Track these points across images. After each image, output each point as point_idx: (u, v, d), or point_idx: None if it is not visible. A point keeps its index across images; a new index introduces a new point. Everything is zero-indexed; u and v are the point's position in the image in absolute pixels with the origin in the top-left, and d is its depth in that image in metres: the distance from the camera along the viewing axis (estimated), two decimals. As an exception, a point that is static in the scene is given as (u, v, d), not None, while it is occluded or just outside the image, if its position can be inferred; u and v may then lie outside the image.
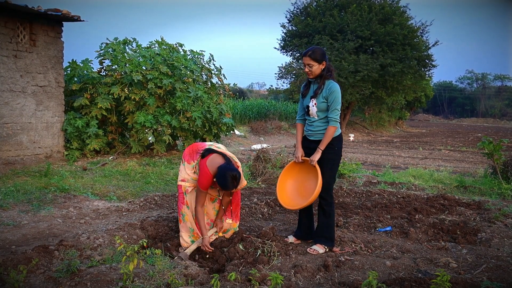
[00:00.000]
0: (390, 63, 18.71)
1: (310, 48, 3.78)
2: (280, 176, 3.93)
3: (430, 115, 51.85)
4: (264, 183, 6.99)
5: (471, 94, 57.79)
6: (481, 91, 56.59)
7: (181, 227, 3.83)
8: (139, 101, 8.63)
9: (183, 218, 3.81)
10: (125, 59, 8.70)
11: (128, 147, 8.98)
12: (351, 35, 18.93)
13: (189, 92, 8.85)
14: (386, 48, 19.00)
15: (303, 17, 20.94)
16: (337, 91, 3.72)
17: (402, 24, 19.13)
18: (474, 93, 57.51)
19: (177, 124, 8.72)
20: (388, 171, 8.41)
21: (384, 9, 19.39)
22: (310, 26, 19.85)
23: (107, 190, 6.02)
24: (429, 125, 37.23)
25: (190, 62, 9.31)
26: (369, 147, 16.08)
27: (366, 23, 18.89)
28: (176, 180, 6.97)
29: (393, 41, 18.82)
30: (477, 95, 56.33)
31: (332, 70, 3.80)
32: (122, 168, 7.71)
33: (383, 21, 19.31)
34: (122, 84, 8.58)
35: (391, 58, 18.74)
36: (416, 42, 19.58)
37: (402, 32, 18.75)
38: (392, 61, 18.73)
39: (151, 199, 5.51)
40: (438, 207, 5.44)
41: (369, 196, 6.29)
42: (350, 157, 11.62)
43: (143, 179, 6.93)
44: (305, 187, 3.88)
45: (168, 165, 8.31)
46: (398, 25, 18.77)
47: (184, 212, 3.81)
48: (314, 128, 3.83)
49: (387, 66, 18.75)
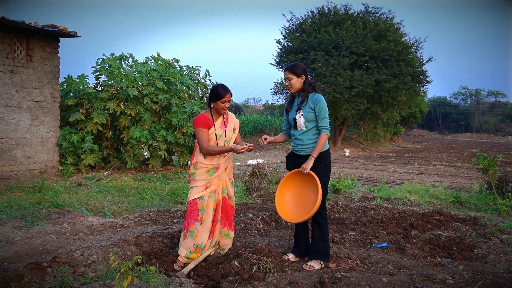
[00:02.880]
0: (385, 79, 18.89)
1: (291, 64, 3.87)
2: (278, 189, 3.91)
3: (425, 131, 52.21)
4: (259, 199, 6.97)
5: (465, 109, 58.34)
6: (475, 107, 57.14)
7: (183, 243, 3.79)
8: (135, 116, 8.64)
9: (190, 235, 3.76)
10: (121, 74, 8.73)
11: (124, 162, 8.96)
12: (346, 51, 19.14)
13: (185, 107, 8.88)
14: (380, 64, 19.21)
15: (298, 33, 21.17)
16: (323, 101, 3.77)
17: (396, 40, 19.38)
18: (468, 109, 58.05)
19: (172, 139, 8.73)
20: (384, 187, 8.41)
21: (378, 26, 19.65)
22: (305, 42, 20.06)
23: (101, 206, 5.98)
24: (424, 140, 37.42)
25: (186, 78, 9.36)
26: (365, 162, 16.11)
27: (361, 40, 19.12)
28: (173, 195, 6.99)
29: (388, 57, 19.05)
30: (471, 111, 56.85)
31: (314, 86, 3.85)
32: (117, 183, 7.67)
33: (378, 38, 19.56)
34: (118, 99, 8.60)
35: (386, 74, 18.94)
36: (410, 58, 19.83)
37: (396, 48, 18.99)
38: (387, 77, 18.92)
39: (146, 215, 5.48)
40: (434, 223, 5.44)
41: (365, 211, 6.28)
42: (345, 173, 11.63)
43: (138, 195, 6.90)
44: (304, 198, 3.85)
45: (164, 180, 8.28)
46: (392, 42, 19.01)
47: (194, 229, 3.76)
48: (303, 142, 3.81)
49: (382, 81, 18.92)
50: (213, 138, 3.79)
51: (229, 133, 3.90)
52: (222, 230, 3.97)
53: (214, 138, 3.80)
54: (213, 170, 3.81)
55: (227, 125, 3.91)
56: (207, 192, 3.80)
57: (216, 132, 3.80)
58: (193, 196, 3.78)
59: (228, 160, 3.92)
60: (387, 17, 20.88)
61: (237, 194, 7.03)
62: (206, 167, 3.78)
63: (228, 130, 3.90)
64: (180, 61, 9.98)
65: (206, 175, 3.79)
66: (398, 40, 19.64)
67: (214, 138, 3.80)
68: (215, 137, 3.80)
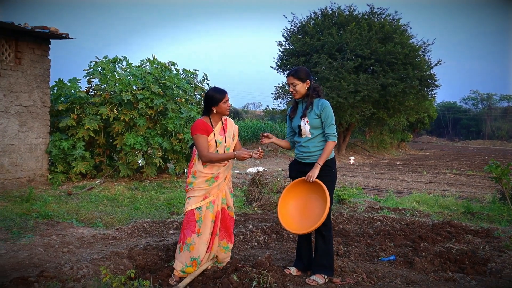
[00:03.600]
0: (391, 83, 18.91)
1: (294, 68, 3.88)
2: (281, 199, 3.88)
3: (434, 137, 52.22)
4: (260, 209, 6.94)
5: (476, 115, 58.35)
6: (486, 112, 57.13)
7: (179, 256, 3.75)
8: (129, 122, 8.64)
9: (187, 248, 3.73)
10: (114, 78, 8.74)
11: (117, 171, 8.93)
12: (351, 54, 19.19)
13: (181, 112, 8.88)
14: (386, 67, 19.24)
15: (300, 35, 21.25)
16: (329, 107, 3.79)
17: (403, 43, 19.43)
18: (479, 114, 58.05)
19: (168, 146, 8.71)
20: (391, 196, 8.39)
21: (384, 28, 19.72)
22: (307, 44, 20.12)
23: (93, 217, 5.95)
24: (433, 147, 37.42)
25: (182, 82, 9.37)
26: (371, 170, 16.08)
27: (365, 42, 19.18)
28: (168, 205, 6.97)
29: (394, 60, 19.09)
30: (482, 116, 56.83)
31: (319, 90, 3.86)
32: (110, 192, 7.65)
33: (384, 40, 19.62)
34: (111, 104, 8.60)
35: (392, 77, 18.96)
36: (418, 62, 19.85)
37: (403, 51, 19.03)
38: (393, 81, 18.94)
39: (140, 226, 5.45)
40: (444, 235, 5.40)
41: (371, 223, 6.25)
42: (350, 182, 11.60)
43: (131, 205, 6.87)
44: (309, 208, 3.82)
45: (159, 189, 8.26)
46: (399, 44, 19.06)
47: (191, 242, 3.73)
48: (308, 150, 3.81)
49: (388, 86, 18.95)
50: (212, 145, 3.78)
51: (228, 139, 3.89)
52: (220, 243, 3.94)
53: (214, 144, 3.78)
54: (213, 180, 3.79)
55: (226, 130, 3.90)
56: (206, 202, 3.78)
57: (216, 139, 3.79)
58: (191, 206, 3.76)
59: (228, 169, 3.91)
60: (394, 18, 20.95)
61: (236, 204, 7.00)
62: (206, 176, 3.76)
63: (227, 136, 3.89)
64: (177, 64, 10.01)
65: (205, 185, 3.77)
66: (405, 42, 19.69)
67: (214, 144, 3.78)
68: (215, 144, 3.79)
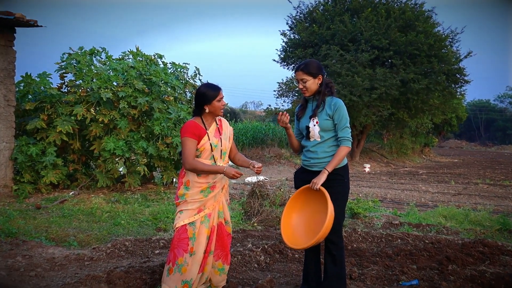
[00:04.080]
0: (413, 78, 18.94)
1: (304, 62, 3.87)
2: (284, 210, 3.88)
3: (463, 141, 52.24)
4: (260, 225, 6.93)
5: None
6: (526, 112, 57.08)
7: (168, 279, 3.73)
8: (108, 124, 8.64)
9: (178, 270, 3.71)
10: (91, 72, 8.76)
11: (94, 180, 8.93)
12: (366, 45, 19.23)
13: (169, 113, 8.88)
14: (408, 60, 19.28)
15: (307, 23, 21.31)
16: (343, 107, 3.78)
17: (427, 31, 19.47)
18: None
19: (154, 152, 8.71)
20: (413, 210, 8.37)
21: (405, 14, 19.77)
22: (316, 34, 20.18)
23: (65, 234, 5.94)
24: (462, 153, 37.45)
25: (171, 77, 9.39)
26: (389, 180, 16.07)
27: (383, 31, 19.23)
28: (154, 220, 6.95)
29: (417, 52, 19.12)
30: (521, 117, 56.76)
31: (332, 87, 3.87)
32: (86, 206, 7.64)
33: (404, 28, 19.66)
34: (87, 103, 8.61)
35: (414, 72, 18.99)
36: (445, 53, 19.89)
37: (427, 41, 19.06)
38: (416, 76, 18.97)
39: (120, 245, 5.44)
40: (476, 256, 5.39)
41: (390, 241, 6.24)
42: (365, 193, 11.59)
43: (111, 220, 6.87)
44: (315, 221, 3.81)
45: (143, 202, 8.25)
46: (422, 33, 19.10)
47: (183, 263, 3.71)
48: (317, 156, 3.80)
49: (410, 82, 18.97)
50: (207, 149, 3.78)
51: (225, 142, 3.90)
52: (215, 264, 3.93)
53: (209, 148, 3.78)
54: (208, 190, 3.79)
55: (221, 132, 3.90)
56: (200, 216, 3.77)
57: (210, 142, 3.79)
58: (183, 221, 3.75)
59: (225, 177, 3.91)
60: (416, 3, 20.99)
61: (233, 219, 6.99)
62: (200, 186, 3.77)
63: (224, 138, 3.90)
64: (164, 57, 10.03)
65: (200, 196, 3.77)
66: (429, 31, 19.74)
67: (209, 148, 3.78)
68: (210, 148, 3.79)
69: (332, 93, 3.86)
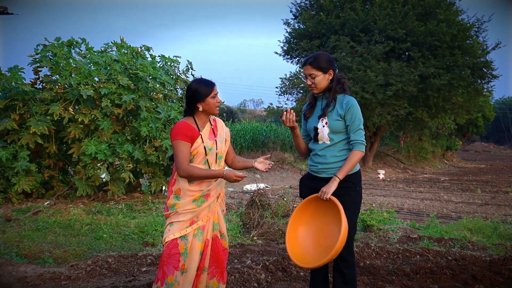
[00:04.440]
0: (433, 73, 18.96)
1: (312, 55, 3.87)
2: (290, 223, 3.86)
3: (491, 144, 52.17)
4: (261, 238, 6.93)
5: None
6: None
7: None
8: (89, 125, 8.64)
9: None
10: (70, 66, 8.76)
11: (72, 189, 8.92)
12: (380, 35, 19.26)
13: (158, 112, 8.88)
14: (427, 52, 19.30)
15: (314, 11, 21.35)
16: (356, 106, 3.79)
17: (449, 20, 19.48)
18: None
19: (141, 157, 8.71)
20: (434, 222, 8.37)
21: (424, 1, 19.78)
22: (323, 23, 20.21)
23: (39, 250, 5.92)
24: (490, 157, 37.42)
25: (160, 72, 9.39)
26: (406, 188, 16.06)
27: (399, 19, 19.25)
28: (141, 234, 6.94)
29: (437, 43, 19.14)
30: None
31: (344, 83, 3.87)
32: (63, 217, 7.64)
33: (423, 17, 19.69)
34: (65, 101, 8.61)
35: (435, 66, 19.00)
36: (469, 45, 19.88)
37: (449, 31, 19.08)
38: (437, 71, 18.98)
39: (102, 262, 5.43)
40: (506, 275, 5.38)
41: (408, 257, 6.23)
42: (380, 203, 11.58)
43: (92, 233, 6.86)
44: (324, 235, 3.80)
45: (128, 213, 8.25)
46: (443, 22, 19.11)
47: (174, 281, 3.70)
48: (325, 160, 3.81)
49: (430, 77, 18.99)
50: (201, 153, 3.77)
51: (220, 144, 3.90)
52: (209, 283, 3.92)
53: (203, 152, 3.78)
54: (202, 199, 3.78)
55: (217, 134, 3.90)
56: (193, 229, 3.76)
57: (204, 144, 3.78)
58: (173, 234, 3.74)
59: (221, 184, 3.90)
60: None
61: (230, 232, 7.00)
62: (193, 194, 3.76)
63: (219, 140, 3.89)
64: (152, 49, 10.03)
65: (193, 206, 3.76)
66: (452, 19, 19.75)
67: (203, 152, 3.78)
68: (204, 151, 3.78)
69: (345, 90, 3.85)
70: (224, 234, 3.97)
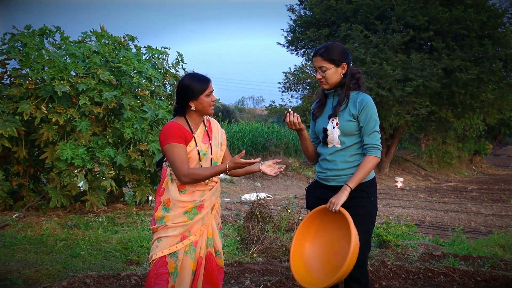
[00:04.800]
0: (459, 66, 18.95)
1: (324, 45, 3.87)
2: (294, 239, 3.86)
3: (526, 148, 52.14)
4: (261, 256, 6.93)
5: None
6: None
7: None
8: (65, 126, 8.63)
9: None
10: (42, 59, 8.75)
11: (45, 199, 8.91)
12: (398, 23, 19.27)
13: (144, 111, 8.88)
14: (453, 43, 19.29)
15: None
16: (372, 105, 3.77)
17: (478, 5, 19.49)
18: None
19: (124, 162, 8.70)
20: (460, 238, 8.37)
21: (448, -17, 19.82)
22: (333, 9, 20.24)
23: (7, 270, 5.92)
24: (524, 163, 37.37)
25: (146, 65, 9.39)
26: (428, 198, 16.07)
27: (421, 5, 19.28)
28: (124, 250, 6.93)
29: (465, 32, 19.13)
30: None
31: (359, 78, 3.87)
32: (34, 232, 7.63)
33: (448, 2, 19.70)
34: (37, 99, 8.60)
35: (462, 58, 18.99)
36: (502, 34, 19.86)
37: (478, 17, 19.07)
38: (463, 63, 18.96)
39: (80, 283, 5.43)
40: (541, 296, 5.39)
41: (430, 278, 6.23)
42: (398, 214, 11.59)
43: (67, 250, 6.85)
44: (334, 252, 3.80)
45: (109, 226, 8.25)
46: (471, 7, 19.11)
47: None
48: (335, 166, 3.80)
49: (455, 70, 18.99)
50: (194, 158, 3.78)
51: (215, 149, 3.90)
52: (203, 307, 3.93)
53: (197, 157, 3.78)
54: (195, 211, 3.78)
55: (211, 136, 3.91)
56: (184, 245, 3.76)
57: (198, 149, 3.79)
58: (161, 251, 3.74)
59: (216, 193, 3.90)
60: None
61: (227, 248, 7.00)
62: (184, 206, 3.75)
63: (214, 144, 3.89)
64: (137, 39, 10.03)
65: (184, 219, 3.76)
66: (482, 4, 19.77)
67: (197, 157, 3.78)
68: (198, 156, 3.79)
69: (359, 86, 3.85)
70: (219, 251, 3.97)
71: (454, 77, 19.07)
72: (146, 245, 7.02)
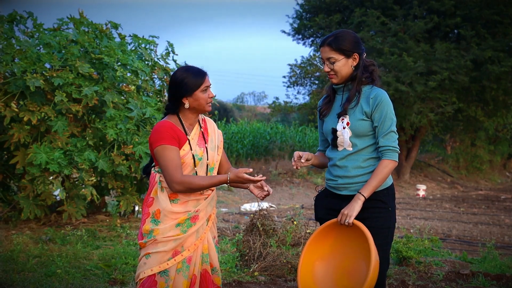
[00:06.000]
0: (491, 58, 18.91)
1: (333, 33, 3.85)
2: (303, 255, 3.86)
3: None
4: (263, 274, 6.94)
5: None
6: None
7: None
8: (38, 126, 8.65)
9: None
10: (12, 49, 8.77)
11: (16, 210, 8.93)
12: (420, 8, 19.27)
13: (129, 109, 8.89)
14: (483, 30, 19.25)
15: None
16: (388, 102, 3.74)
17: (513, -13, 19.49)
18: None
19: (107, 168, 8.70)
20: (492, 254, 8.37)
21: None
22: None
23: (-27, 290, 5.95)
24: None
25: (132, 57, 9.39)
26: (454, 208, 16.07)
27: (446, -13, 19.29)
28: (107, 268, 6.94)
29: (497, 18, 19.10)
30: None
31: (373, 71, 3.84)
32: (3, 248, 7.65)
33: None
34: (6, 95, 8.62)
35: (493, 48, 18.94)
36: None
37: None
38: (495, 54, 18.91)
39: (56, 306, 5.45)
40: None
41: (458, 299, 6.25)
42: (420, 227, 11.59)
43: (42, 268, 6.86)
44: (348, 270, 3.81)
45: (90, 241, 8.26)
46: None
47: None
48: (347, 173, 3.79)
49: (486, 62, 18.95)
50: (189, 163, 3.77)
51: (212, 153, 3.90)
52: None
53: (191, 162, 3.78)
54: (188, 223, 3.78)
55: (207, 139, 3.91)
56: (176, 262, 3.77)
57: (193, 152, 3.79)
58: (150, 270, 3.74)
59: (212, 203, 3.90)
60: None
61: (224, 266, 7.02)
62: (176, 217, 3.75)
63: (210, 148, 3.89)
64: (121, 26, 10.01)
65: (176, 232, 3.75)
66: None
67: (191, 162, 3.78)
68: (193, 161, 3.78)
69: (373, 80, 3.83)
70: (216, 268, 3.97)
71: (485, 70, 19.02)
72: (132, 262, 7.03)
